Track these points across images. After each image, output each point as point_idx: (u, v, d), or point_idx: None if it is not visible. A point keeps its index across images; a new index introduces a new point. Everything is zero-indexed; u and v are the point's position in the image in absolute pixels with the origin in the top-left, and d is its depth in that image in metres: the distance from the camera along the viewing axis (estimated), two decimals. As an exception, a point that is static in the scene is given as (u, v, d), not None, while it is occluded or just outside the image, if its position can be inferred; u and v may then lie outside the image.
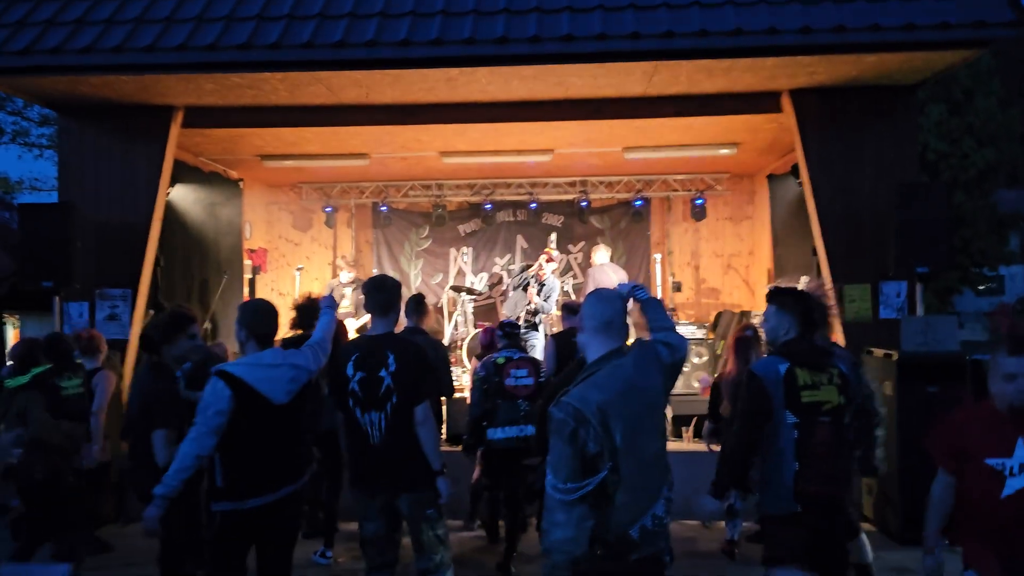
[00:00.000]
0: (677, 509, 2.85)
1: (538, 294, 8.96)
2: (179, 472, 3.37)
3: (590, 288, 9.33)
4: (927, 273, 6.21)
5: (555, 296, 9.10)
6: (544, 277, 9.04)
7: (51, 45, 5.96)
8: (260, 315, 3.71)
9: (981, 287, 21.27)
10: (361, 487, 3.88)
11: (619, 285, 3.22)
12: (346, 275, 9.56)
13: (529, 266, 9.49)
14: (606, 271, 9.40)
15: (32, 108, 19.22)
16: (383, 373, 3.79)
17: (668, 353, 2.87)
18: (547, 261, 9.09)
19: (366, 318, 9.30)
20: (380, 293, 3.95)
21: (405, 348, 3.90)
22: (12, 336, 13.03)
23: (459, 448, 5.97)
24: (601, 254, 9.67)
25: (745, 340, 5.32)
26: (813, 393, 3.48)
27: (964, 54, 6.00)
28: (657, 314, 3.15)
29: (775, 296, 3.72)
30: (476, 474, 6.05)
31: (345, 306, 9.33)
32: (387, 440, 3.79)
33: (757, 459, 3.63)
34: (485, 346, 6.30)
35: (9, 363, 5.04)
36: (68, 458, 4.77)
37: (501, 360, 5.49)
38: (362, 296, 9.40)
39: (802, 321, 3.60)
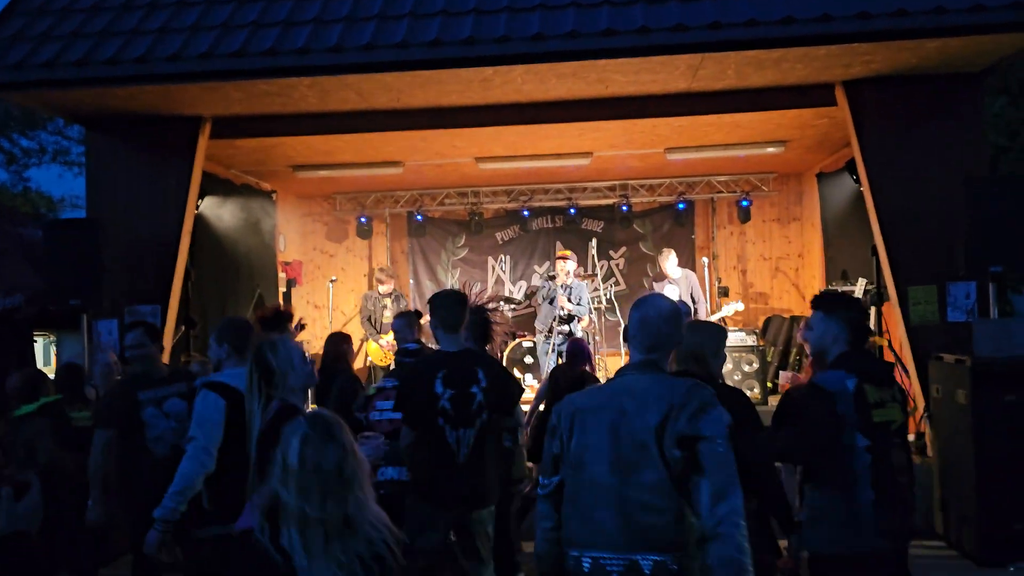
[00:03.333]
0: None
1: (568, 300, 8.70)
2: (179, 494, 3.20)
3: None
4: (1001, 273, 5.75)
5: (586, 297, 8.87)
6: (569, 280, 8.75)
7: (76, 57, 5.80)
8: (243, 331, 3.66)
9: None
10: (436, 501, 3.78)
11: None
12: (385, 287, 9.46)
13: (553, 277, 9.15)
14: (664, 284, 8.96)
15: (72, 127, 19.42)
16: (475, 389, 3.79)
17: (685, 424, 2.37)
18: (563, 260, 8.79)
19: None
20: (456, 309, 3.93)
21: (492, 363, 3.99)
22: (52, 355, 13.07)
23: None
24: (672, 259, 9.12)
25: None
26: (883, 412, 3.12)
27: (1037, 36, 5.56)
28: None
29: (822, 301, 3.36)
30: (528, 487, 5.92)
31: (387, 317, 9.22)
32: (473, 456, 3.78)
33: (807, 489, 3.21)
34: (573, 355, 5.99)
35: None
36: (79, 495, 4.36)
37: (372, 391, 4.74)
38: (402, 307, 9.47)
39: (852, 329, 3.23)
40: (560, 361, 7.40)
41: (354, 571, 1.95)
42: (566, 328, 8.65)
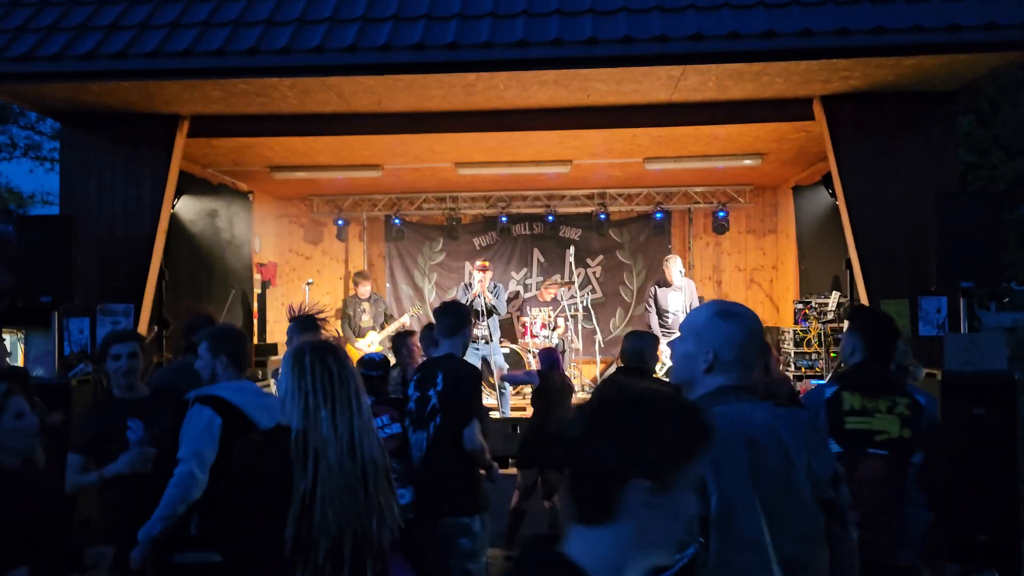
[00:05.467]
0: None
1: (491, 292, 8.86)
2: (163, 520, 2.95)
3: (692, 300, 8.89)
4: (972, 288, 5.84)
5: (504, 296, 9.11)
6: (486, 287, 8.80)
7: (52, 51, 5.71)
8: (240, 340, 3.33)
9: (1006, 300, 20.83)
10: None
11: None
12: (363, 289, 9.70)
13: (468, 286, 9.14)
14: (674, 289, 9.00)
15: (45, 122, 19.12)
16: (431, 392, 3.88)
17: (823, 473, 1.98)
18: (479, 271, 8.88)
19: (390, 329, 9.48)
20: (447, 317, 4.06)
21: (455, 368, 3.96)
22: (19, 352, 12.82)
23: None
24: (677, 265, 9.10)
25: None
26: (863, 420, 3.09)
27: (1010, 56, 5.67)
28: None
29: (850, 315, 3.53)
30: (515, 499, 5.98)
31: (365, 320, 9.55)
32: (428, 460, 3.81)
33: None
34: (552, 361, 6.13)
35: None
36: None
37: None
38: (381, 310, 9.69)
39: (869, 344, 3.24)
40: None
41: None
42: (485, 331, 8.64)
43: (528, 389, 7.31)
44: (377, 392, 4.11)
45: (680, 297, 8.78)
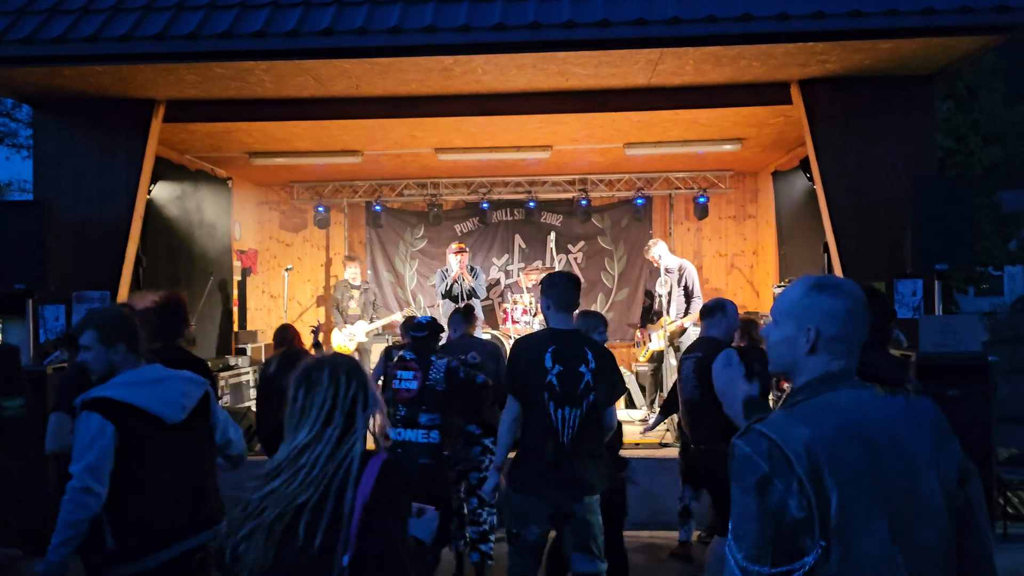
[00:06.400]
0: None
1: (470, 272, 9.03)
2: (58, 547, 2.67)
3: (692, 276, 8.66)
4: (946, 271, 5.90)
5: (483, 278, 9.24)
6: (465, 269, 8.95)
7: (22, 35, 5.63)
8: (132, 323, 2.99)
9: (984, 286, 21.01)
10: (537, 487, 3.74)
11: None
12: (352, 271, 9.64)
13: (447, 271, 9.18)
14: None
15: (21, 109, 18.87)
16: (583, 369, 3.77)
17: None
18: (456, 253, 8.95)
19: (381, 322, 9.51)
20: (564, 289, 3.93)
21: (601, 347, 3.96)
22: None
23: None
24: (660, 248, 8.85)
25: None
26: None
27: (985, 40, 5.70)
28: None
29: None
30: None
31: (353, 308, 9.44)
32: (578, 439, 3.73)
33: None
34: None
35: None
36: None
37: (394, 360, 5.05)
38: (374, 298, 9.65)
39: (873, 328, 3.05)
40: None
41: None
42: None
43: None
44: (422, 351, 4.77)
45: (667, 281, 8.65)
